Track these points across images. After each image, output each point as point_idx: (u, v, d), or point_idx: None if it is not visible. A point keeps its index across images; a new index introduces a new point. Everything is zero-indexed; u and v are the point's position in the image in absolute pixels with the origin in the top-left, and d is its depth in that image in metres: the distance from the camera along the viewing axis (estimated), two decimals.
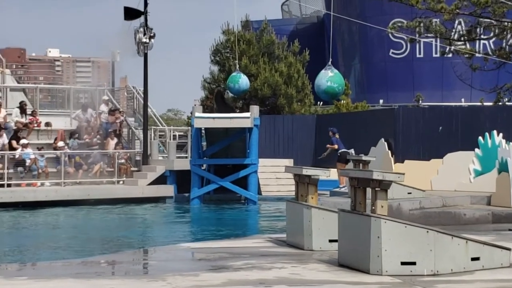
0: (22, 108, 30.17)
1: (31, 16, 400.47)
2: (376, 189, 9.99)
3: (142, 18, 31.01)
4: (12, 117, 29.68)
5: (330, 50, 28.65)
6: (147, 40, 30.78)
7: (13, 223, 22.84)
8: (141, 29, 30.76)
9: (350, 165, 20.72)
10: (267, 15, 52.57)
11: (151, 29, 30.88)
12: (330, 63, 19.84)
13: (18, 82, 39.53)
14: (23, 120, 29.90)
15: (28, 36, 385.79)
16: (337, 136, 24.36)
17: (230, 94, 35.33)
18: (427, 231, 9.99)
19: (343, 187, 21.55)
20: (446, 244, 10.00)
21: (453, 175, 20.55)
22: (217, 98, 33.10)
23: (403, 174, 10.23)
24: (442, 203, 18.46)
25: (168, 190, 29.25)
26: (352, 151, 23.63)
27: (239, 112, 33.86)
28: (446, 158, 21.51)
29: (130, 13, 31.20)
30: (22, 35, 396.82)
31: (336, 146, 24.31)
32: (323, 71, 19.77)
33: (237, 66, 33.46)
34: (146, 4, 31.03)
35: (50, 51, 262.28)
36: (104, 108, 32.03)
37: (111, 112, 31.68)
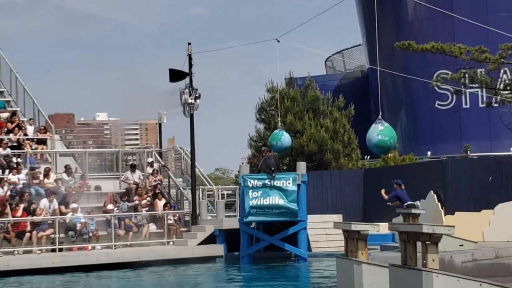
0: (68, 171, 30.55)
1: (79, 81, 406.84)
2: (427, 242, 9.89)
3: (187, 79, 31.35)
4: (66, 179, 30.12)
5: (378, 103, 28.52)
6: (193, 101, 31.05)
7: None
8: (187, 90, 31.06)
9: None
10: (310, 71, 52.81)
11: (196, 89, 31.14)
12: (380, 116, 19.73)
13: (67, 147, 39.99)
14: (72, 183, 30.27)
15: (77, 101, 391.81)
16: (402, 187, 23.79)
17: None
18: (480, 284, 9.85)
19: None
20: None
21: (505, 225, 20.29)
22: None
23: (453, 227, 10.13)
24: (495, 255, 18.19)
25: (218, 249, 29.22)
26: (418, 203, 22.99)
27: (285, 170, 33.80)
28: (497, 208, 21.26)
29: (175, 75, 31.57)
30: (71, 100, 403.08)
31: (386, 197, 23.86)
32: (373, 125, 19.63)
33: (279, 123, 33.29)
34: (190, 66, 31.38)
35: (98, 115, 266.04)
36: (150, 170, 32.29)
37: (154, 173, 31.94)
